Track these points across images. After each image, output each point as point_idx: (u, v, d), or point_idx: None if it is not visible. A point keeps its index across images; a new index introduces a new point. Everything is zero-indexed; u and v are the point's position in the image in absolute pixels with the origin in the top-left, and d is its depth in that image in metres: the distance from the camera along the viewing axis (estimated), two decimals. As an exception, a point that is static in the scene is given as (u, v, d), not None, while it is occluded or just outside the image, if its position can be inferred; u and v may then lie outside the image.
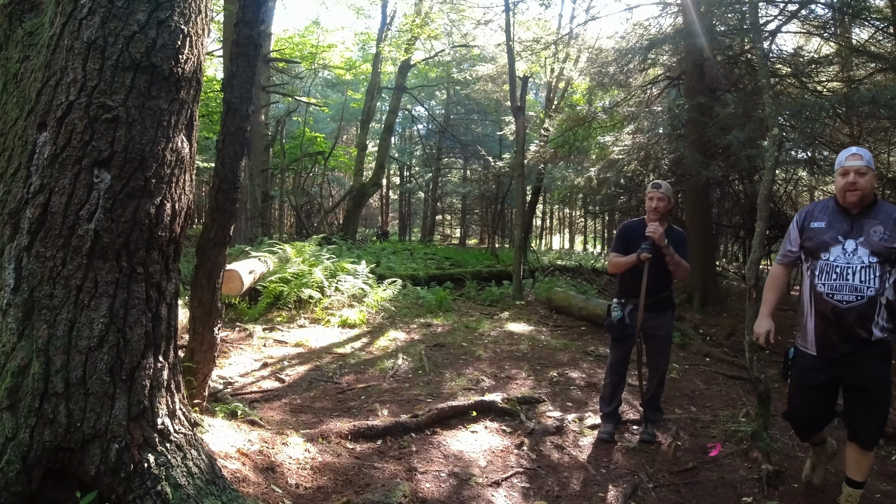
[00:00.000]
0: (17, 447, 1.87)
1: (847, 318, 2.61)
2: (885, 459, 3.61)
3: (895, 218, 2.60)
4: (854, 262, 2.61)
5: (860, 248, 2.61)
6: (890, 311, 2.61)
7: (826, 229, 2.71)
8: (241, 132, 3.21)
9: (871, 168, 2.66)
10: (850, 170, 2.65)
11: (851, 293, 2.60)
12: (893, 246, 2.57)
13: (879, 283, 2.58)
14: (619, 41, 10.49)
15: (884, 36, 8.03)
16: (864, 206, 2.68)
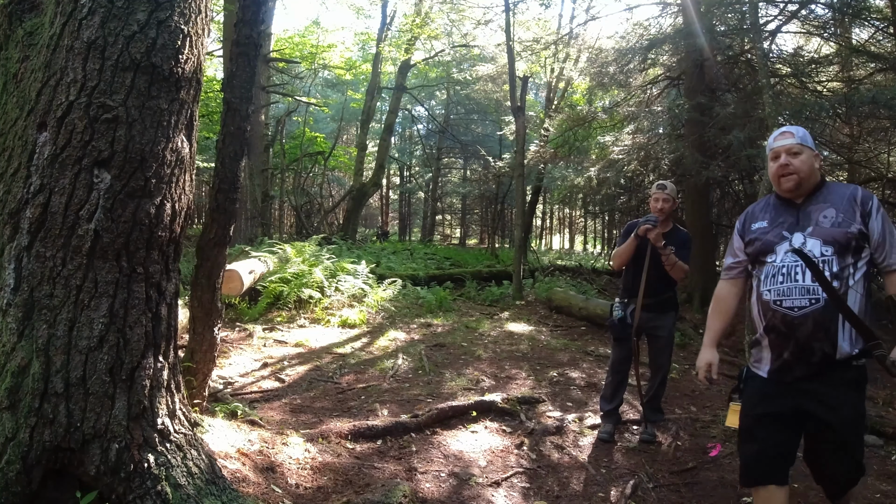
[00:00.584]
0: (17, 447, 1.87)
1: (802, 328, 2.07)
2: (885, 459, 3.61)
3: (850, 196, 2.14)
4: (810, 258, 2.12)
5: (809, 240, 2.12)
6: (860, 320, 2.06)
7: (769, 228, 2.24)
8: (241, 132, 3.21)
9: (806, 146, 2.21)
10: (781, 151, 2.22)
11: (803, 296, 2.08)
12: (852, 230, 2.07)
13: (838, 283, 2.07)
14: (619, 41, 10.49)
15: (884, 36, 8.03)
16: (809, 191, 2.21)
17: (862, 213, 2.13)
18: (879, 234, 2.11)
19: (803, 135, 2.24)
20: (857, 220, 2.11)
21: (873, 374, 5.45)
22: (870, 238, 2.11)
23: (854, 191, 2.19)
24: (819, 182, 2.24)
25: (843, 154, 9.07)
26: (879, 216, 2.12)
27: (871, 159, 9.47)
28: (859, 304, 2.10)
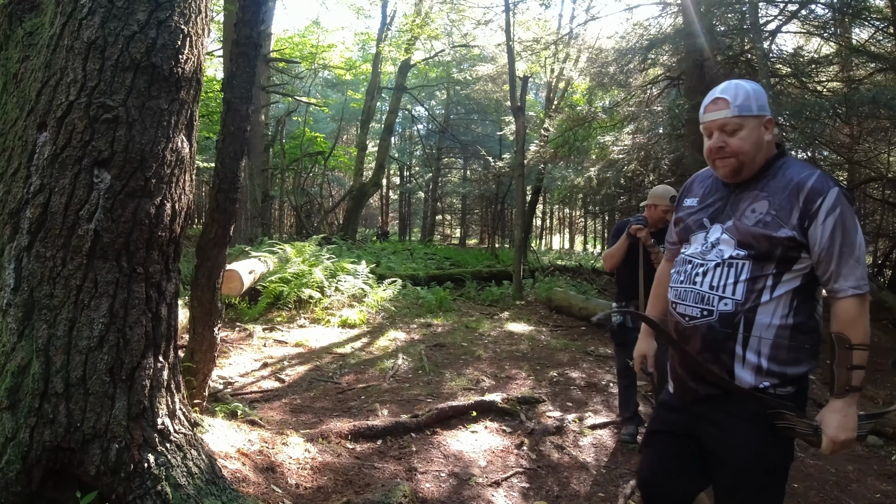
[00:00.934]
0: (17, 447, 1.87)
1: (691, 343, 1.68)
2: (885, 459, 3.62)
3: (794, 187, 1.59)
4: (710, 257, 1.68)
5: (724, 237, 1.67)
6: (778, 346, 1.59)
7: (696, 208, 1.80)
8: (241, 132, 3.21)
9: (748, 115, 1.64)
10: (712, 127, 1.70)
11: (696, 304, 1.67)
12: (779, 235, 1.57)
13: (745, 292, 1.60)
14: (619, 41, 10.49)
15: (884, 36, 8.04)
16: (754, 172, 1.69)
17: (802, 213, 1.57)
18: (824, 244, 1.55)
19: (744, 99, 1.65)
20: (790, 223, 1.57)
21: (872, 375, 5.48)
22: (809, 248, 1.57)
23: (803, 180, 1.59)
24: (771, 158, 1.68)
25: (843, 154, 9.07)
26: (830, 221, 1.54)
27: (871, 159, 9.47)
28: (776, 329, 1.59)
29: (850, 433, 1.55)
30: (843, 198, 1.56)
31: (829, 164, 9.45)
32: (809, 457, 3.60)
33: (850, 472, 3.40)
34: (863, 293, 1.57)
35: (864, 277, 1.57)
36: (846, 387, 1.56)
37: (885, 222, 11.55)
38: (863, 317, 1.58)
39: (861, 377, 1.56)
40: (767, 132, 1.66)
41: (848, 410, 1.56)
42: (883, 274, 9.83)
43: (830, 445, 1.55)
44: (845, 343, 1.56)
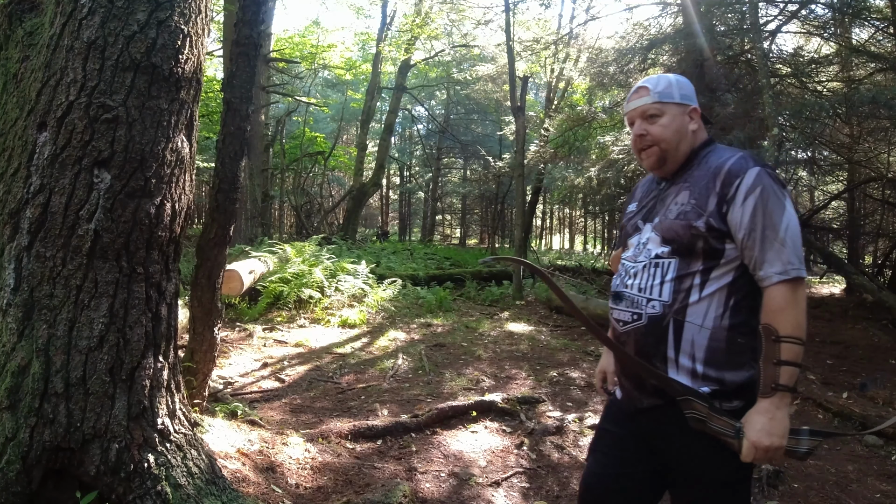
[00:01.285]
0: (17, 447, 1.87)
1: (627, 348, 1.58)
2: (885, 459, 3.61)
3: (714, 171, 1.48)
4: (640, 258, 1.59)
5: (651, 235, 1.58)
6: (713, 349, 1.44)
7: (634, 212, 1.71)
8: (241, 132, 3.21)
9: (669, 102, 1.57)
10: (634, 116, 1.61)
11: (627, 309, 1.57)
12: (697, 225, 1.46)
13: (672, 292, 1.49)
14: (619, 41, 10.49)
15: (884, 36, 8.04)
16: (679, 163, 1.59)
17: (720, 197, 1.44)
18: (745, 229, 1.41)
19: (666, 86, 1.58)
20: (708, 210, 1.45)
21: (873, 375, 5.47)
22: (733, 235, 1.44)
23: (722, 163, 1.48)
24: (697, 148, 1.58)
25: (843, 154, 9.07)
26: (750, 202, 1.40)
27: (871, 159, 9.47)
28: (710, 331, 1.45)
29: (776, 439, 1.34)
30: (764, 176, 1.42)
31: (829, 164, 9.45)
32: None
33: (850, 472, 3.40)
34: (790, 278, 1.38)
35: (794, 261, 1.39)
36: (772, 384, 1.36)
37: (885, 222, 11.55)
38: (792, 306, 1.38)
39: (792, 375, 1.36)
40: (693, 122, 1.59)
41: (775, 413, 1.35)
42: (883, 274, 9.83)
43: (751, 451, 1.35)
44: (772, 335, 1.37)
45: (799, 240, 1.42)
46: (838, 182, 10.94)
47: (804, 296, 1.41)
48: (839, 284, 12.43)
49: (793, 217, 1.43)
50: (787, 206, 1.43)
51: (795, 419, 4.23)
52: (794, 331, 1.37)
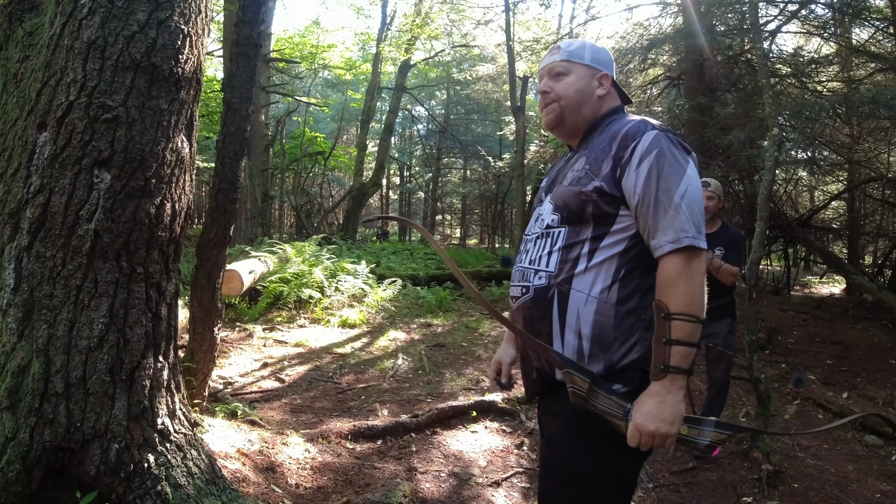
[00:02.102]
0: (17, 447, 1.87)
1: (518, 325, 1.47)
2: (885, 459, 3.61)
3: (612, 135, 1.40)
4: (535, 230, 1.50)
5: (548, 205, 1.49)
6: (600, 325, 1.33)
7: (544, 187, 1.61)
8: (241, 132, 3.21)
9: (577, 62, 1.50)
10: (542, 73, 1.54)
11: (518, 283, 1.48)
12: (588, 189, 1.37)
13: (558, 262, 1.39)
14: (619, 41, 10.49)
15: (884, 36, 8.03)
16: (582, 128, 1.52)
17: (615, 161, 1.35)
18: (639, 194, 1.31)
19: (578, 47, 1.51)
20: (601, 173, 1.36)
21: (872, 374, 5.48)
22: (627, 201, 1.34)
23: (620, 128, 1.39)
24: (603, 115, 1.51)
25: (843, 154, 9.07)
26: (644, 166, 1.31)
27: (871, 159, 9.47)
28: (596, 303, 1.33)
29: (664, 426, 1.22)
30: (662, 139, 1.32)
31: (829, 164, 9.44)
32: (809, 457, 3.60)
33: (850, 472, 3.40)
34: (681, 247, 1.26)
35: (688, 229, 1.26)
36: (661, 365, 1.25)
37: (885, 222, 11.54)
38: (685, 278, 1.25)
39: (685, 355, 1.24)
40: (601, 87, 1.51)
41: (665, 397, 1.23)
42: (883, 274, 9.83)
43: (635, 435, 1.24)
44: (661, 311, 1.26)
45: (698, 207, 1.30)
46: (838, 182, 10.93)
47: (701, 269, 1.28)
48: (839, 284, 12.43)
49: (692, 183, 1.32)
50: (688, 171, 1.32)
51: (796, 419, 4.23)
52: (685, 307, 1.24)
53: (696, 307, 1.25)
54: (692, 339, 1.25)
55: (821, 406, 4.50)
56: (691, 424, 1.28)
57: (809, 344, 6.77)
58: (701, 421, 1.29)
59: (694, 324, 1.25)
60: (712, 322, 3.55)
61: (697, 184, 1.33)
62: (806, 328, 7.62)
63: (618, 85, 1.54)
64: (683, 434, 1.27)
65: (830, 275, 13.06)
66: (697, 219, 1.29)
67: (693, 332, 1.25)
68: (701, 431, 1.28)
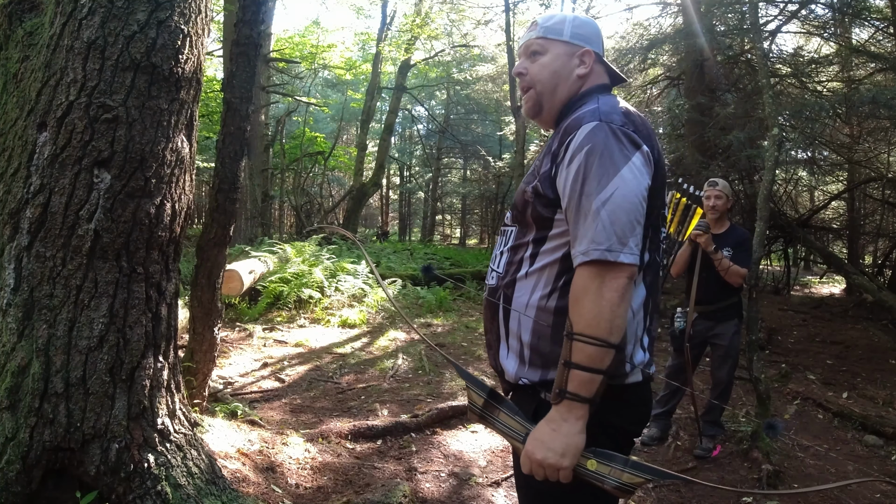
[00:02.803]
0: (17, 447, 1.87)
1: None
2: (885, 459, 3.61)
3: (566, 125, 1.23)
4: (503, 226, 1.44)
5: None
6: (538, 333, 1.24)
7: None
8: (241, 132, 3.21)
9: (553, 39, 1.33)
10: (520, 53, 1.39)
11: (489, 275, 1.42)
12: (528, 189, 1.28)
13: (505, 263, 1.33)
14: (619, 41, 10.49)
15: (884, 36, 8.03)
16: (557, 111, 1.36)
17: (553, 157, 1.22)
18: (566, 195, 1.18)
19: (557, 22, 1.34)
20: (540, 171, 1.25)
21: (872, 374, 5.48)
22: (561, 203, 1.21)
23: (577, 116, 1.22)
24: (578, 97, 1.33)
25: (843, 154, 9.07)
26: (574, 164, 1.16)
27: (871, 159, 9.47)
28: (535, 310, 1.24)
29: (552, 456, 1.11)
30: (600, 132, 1.15)
31: (829, 164, 9.44)
32: (809, 457, 3.60)
33: (850, 472, 3.40)
34: (590, 259, 1.11)
35: (601, 241, 1.10)
36: (557, 389, 1.12)
37: (885, 222, 11.54)
38: (592, 295, 1.10)
39: (584, 382, 1.10)
40: (582, 66, 1.32)
41: (561, 425, 1.11)
42: (883, 274, 9.83)
43: (525, 461, 1.15)
44: (566, 329, 1.13)
45: (626, 215, 1.12)
46: (838, 182, 10.93)
47: (616, 286, 1.10)
48: (839, 284, 12.43)
49: (626, 185, 1.13)
50: (624, 172, 1.13)
51: (796, 419, 4.23)
52: (589, 327, 1.09)
53: (602, 329, 1.09)
54: (594, 365, 1.09)
55: (821, 406, 4.50)
56: (601, 460, 1.12)
57: (809, 344, 6.77)
58: (613, 458, 1.12)
59: (597, 347, 1.09)
60: (719, 323, 3.56)
61: (634, 187, 1.13)
62: (806, 328, 7.62)
63: (607, 63, 1.36)
64: (591, 469, 1.12)
65: (830, 275, 13.06)
66: (623, 228, 1.11)
67: (595, 356, 1.09)
68: (612, 469, 1.11)
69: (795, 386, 5.01)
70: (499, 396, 1.22)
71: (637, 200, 1.14)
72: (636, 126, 1.19)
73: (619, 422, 1.23)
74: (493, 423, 1.21)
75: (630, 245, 1.11)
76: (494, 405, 1.21)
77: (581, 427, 1.11)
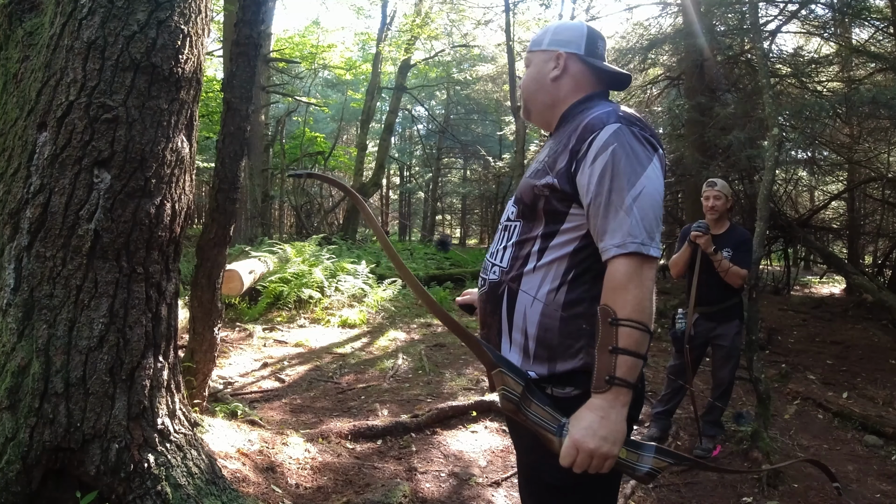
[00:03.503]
0: (17, 447, 1.87)
1: (480, 316, 1.48)
2: (885, 459, 3.61)
3: (576, 125, 1.29)
4: (503, 220, 1.46)
5: (514, 196, 1.44)
6: (545, 327, 1.26)
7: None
8: (241, 132, 3.21)
9: (535, 50, 1.45)
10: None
11: (482, 274, 1.45)
12: (541, 183, 1.29)
13: (510, 258, 1.34)
14: (619, 41, 10.49)
15: (884, 36, 8.03)
16: (542, 119, 1.47)
17: (571, 154, 1.25)
18: (592, 192, 1.21)
19: (540, 34, 1.46)
20: (556, 167, 1.28)
21: (872, 374, 5.48)
22: (581, 199, 1.24)
23: (587, 116, 1.28)
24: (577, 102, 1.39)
25: (843, 154, 9.07)
26: (600, 162, 1.20)
27: (871, 159, 9.47)
28: (542, 305, 1.26)
29: (605, 445, 1.11)
30: (623, 133, 1.21)
31: (829, 164, 9.44)
32: (809, 456, 3.60)
33: (850, 472, 3.40)
34: (629, 252, 1.15)
35: (636, 234, 1.16)
36: (606, 376, 1.13)
37: (885, 222, 11.55)
38: (635, 284, 1.14)
39: (632, 367, 1.13)
40: (555, 69, 1.40)
41: (609, 412, 1.12)
42: (883, 274, 9.83)
43: (571, 453, 1.13)
44: (608, 316, 1.15)
45: (653, 212, 1.19)
46: (838, 182, 10.93)
47: (651, 276, 1.17)
48: (839, 284, 12.43)
49: (651, 184, 1.20)
50: (648, 171, 1.20)
51: (795, 419, 4.24)
52: (635, 314, 1.13)
53: (646, 315, 1.14)
54: (640, 350, 1.14)
55: (821, 406, 4.50)
56: (630, 448, 1.16)
57: (809, 344, 6.77)
58: (641, 446, 1.16)
59: (642, 332, 1.14)
60: (720, 324, 3.56)
61: (657, 185, 1.21)
62: (806, 328, 7.62)
63: (593, 60, 1.39)
64: (622, 458, 1.14)
65: (830, 275, 13.06)
66: (651, 224, 1.18)
67: (641, 341, 1.14)
68: (640, 457, 1.16)
69: (795, 386, 5.01)
70: (532, 386, 1.22)
71: (659, 199, 1.22)
72: (652, 131, 1.27)
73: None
74: (526, 414, 1.20)
75: (656, 240, 1.19)
76: (529, 396, 1.20)
77: (626, 414, 1.14)
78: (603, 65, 1.41)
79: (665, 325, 6.43)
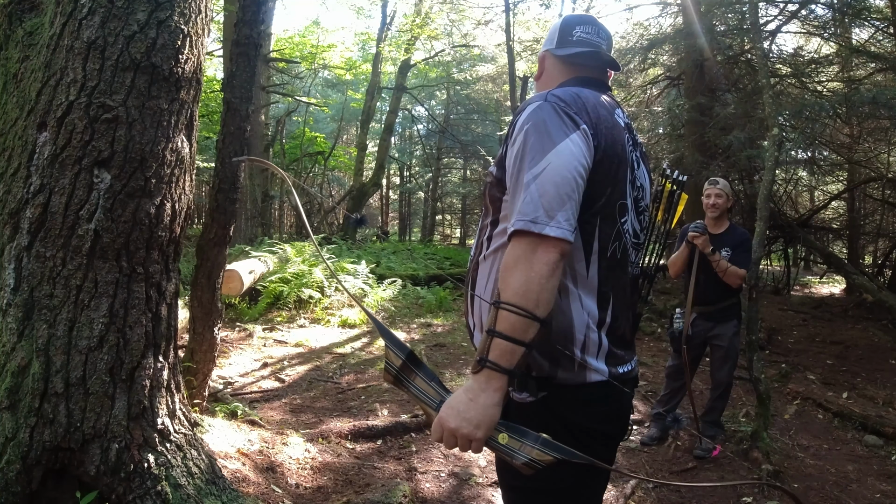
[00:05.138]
0: (17, 447, 1.87)
1: None
2: (885, 459, 3.61)
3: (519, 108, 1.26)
4: None
5: None
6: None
7: None
8: (241, 132, 3.21)
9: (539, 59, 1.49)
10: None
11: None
12: (490, 171, 1.31)
13: (476, 245, 1.38)
14: (619, 41, 10.48)
15: (884, 36, 8.04)
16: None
17: (505, 138, 1.25)
18: (509, 173, 1.20)
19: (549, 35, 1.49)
20: (499, 155, 1.28)
21: (872, 374, 5.48)
22: None
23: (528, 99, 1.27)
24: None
25: (843, 154, 9.07)
26: (517, 142, 1.18)
27: (871, 159, 9.47)
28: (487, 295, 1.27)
29: (466, 426, 1.07)
30: (542, 110, 1.16)
31: (829, 164, 9.44)
32: (809, 456, 3.60)
33: (849, 472, 3.40)
34: (516, 230, 1.10)
35: (528, 212, 1.09)
36: (479, 357, 1.10)
37: (885, 222, 11.55)
38: (522, 265, 1.08)
39: (506, 352, 1.06)
40: (539, 69, 1.45)
41: (478, 395, 1.08)
42: (883, 274, 9.83)
43: (437, 429, 1.11)
44: (493, 297, 1.12)
45: (554, 189, 1.10)
46: (838, 182, 10.93)
47: (547, 260, 1.08)
48: (839, 284, 12.43)
49: (560, 159, 1.11)
50: (560, 147, 1.12)
51: (795, 419, 4.24)
52: (516, 297, 1.06)
53: (529, 300, 1.06)
54: (517, 336, 1.06)
55: (821, 406, 4.50)
56: (513, 435, 1.10)
57: (809, 344, 6.77)
58: (525, 434, 1.09)
59: (523, 318, 1.06)
60: (718, 324, 3.56)
61: (567, 161, 1.12)
62: (806, 328, 7.62)
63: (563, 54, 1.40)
64: (502, 443, 1.10)
65: (830, 275, 13.06)
66: (551, 201, 1.09)
67: (520, 327, 1.06)
68: (522, 445, 1.09)
69: (795, 386, 5.01)
70: (417, 360, 1.20)
71: (570, 175, 1.12)
72: (579, 109, 1.18)
73: (579, 419, 1.21)
74: (407, 387, 1.20)
75: (558, 219, 1.09)
76: (412, 369, 1.19)
77: (498, 399, 1.08)
78: (567, 51, 1.38)
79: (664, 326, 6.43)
